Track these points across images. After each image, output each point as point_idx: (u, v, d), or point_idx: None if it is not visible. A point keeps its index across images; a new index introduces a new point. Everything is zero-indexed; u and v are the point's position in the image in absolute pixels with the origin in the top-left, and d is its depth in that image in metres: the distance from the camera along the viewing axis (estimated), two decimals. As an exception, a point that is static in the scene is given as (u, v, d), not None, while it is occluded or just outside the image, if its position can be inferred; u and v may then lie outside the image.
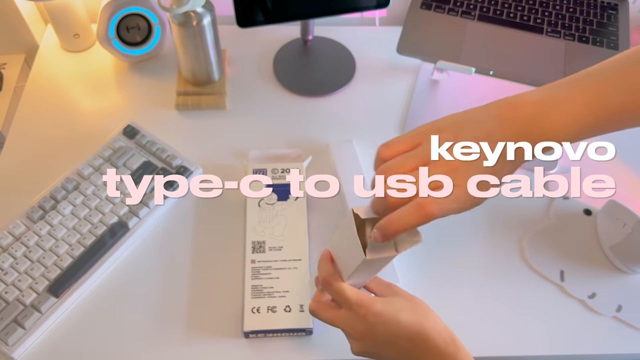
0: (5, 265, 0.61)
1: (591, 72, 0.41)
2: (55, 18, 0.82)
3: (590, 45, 0.79)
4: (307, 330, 0.59)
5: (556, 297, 0.64)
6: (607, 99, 0.40)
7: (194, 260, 0.65)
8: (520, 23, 0.81)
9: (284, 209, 0.66)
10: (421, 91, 0.84)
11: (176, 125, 0.78)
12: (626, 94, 0.39)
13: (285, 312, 0.59)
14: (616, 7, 0.84)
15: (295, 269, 0.62)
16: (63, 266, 0.62)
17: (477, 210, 0.71)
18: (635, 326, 0.62)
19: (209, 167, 0.73)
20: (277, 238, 0.64)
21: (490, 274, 0.66)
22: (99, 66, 0.85)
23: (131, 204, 0.66)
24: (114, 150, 0.71)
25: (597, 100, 0.39)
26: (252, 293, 0.60)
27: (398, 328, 0.45)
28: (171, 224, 0.68)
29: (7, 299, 0.59)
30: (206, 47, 0.75)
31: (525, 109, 0.39)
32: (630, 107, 0.40)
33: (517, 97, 0.41)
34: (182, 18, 0.71)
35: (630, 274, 0.66)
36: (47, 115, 0.78)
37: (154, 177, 0.69)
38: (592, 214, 0.70)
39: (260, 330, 0.58)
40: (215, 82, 0.81)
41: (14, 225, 0.64)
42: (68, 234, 0.64)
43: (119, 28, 0.79)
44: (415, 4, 0.82)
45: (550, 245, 0.68)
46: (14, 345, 0.57)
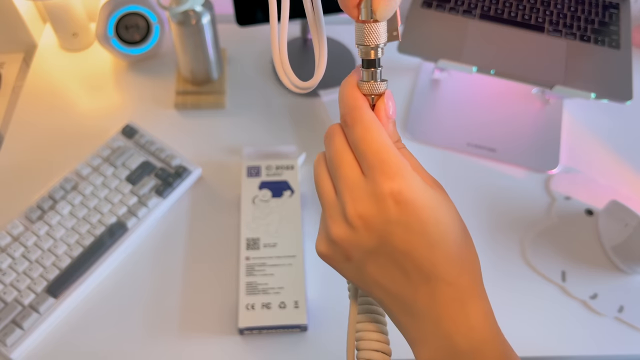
0: (4, 266, 0.61)
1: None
2: (54, 17, 0.81)
3: (591, 44, 0.79)
4: (302, 327, 0.59)
5: (557, 298, 0.64)
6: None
7: (190, 257, 0.65)
8: (522, 22, 0.80)
9: (278, 205, 0.66)
10: (422, 90, 0.83)
11: (175, 125, 0.78)
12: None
13: (280, 309, 0.59)
14: (618, 6, 0.84)
15: (290, 266, 0.62)
16: (62, 266, 0.61)
17: (478, 210, 0.71)
18: (637, 327, 0.62)
19: (208, 166, 0.72)
20: (271, 235, 0.64)
21: (491, 274, 0.65)
22: (97, 65, 0.84)
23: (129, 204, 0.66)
24: (113, 150, 0.71)
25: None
26: (246, 290, 0.60)
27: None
28: (169, 223, 0.68)
29: (5, 300, 0.59)
30: (205, 46, 0.75)
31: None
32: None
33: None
34: (181, 17, 0.71)
35: (632, 275, 0.65)
36: (46, 114, 0.78)
37: (152, 177, 0.69)
38: (594, 214, 0.70)
39: (254, 327, 0.58)
40: (214, 81, 0.80)
41: (12, 226, 0.64)
42: (67, 234, 0.64)
43: (118, 27, 0.78)
44: (416, 2, 0.82)
45: (552, 246, 0.67)
46: (12, 346, 0.57)
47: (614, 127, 0.81)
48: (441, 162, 0.75)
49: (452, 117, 0.80)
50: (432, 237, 0.28)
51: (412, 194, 0.28)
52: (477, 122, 0.80)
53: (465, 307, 0.29)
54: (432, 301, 0.29)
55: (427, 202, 0.28)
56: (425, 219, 0.28)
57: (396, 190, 0.28)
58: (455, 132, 0.78)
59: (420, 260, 0.29)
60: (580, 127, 0.81)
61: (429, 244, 0.28)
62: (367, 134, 0.29)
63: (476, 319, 0.30)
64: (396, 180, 0.28)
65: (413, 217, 0.28)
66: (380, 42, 0.31)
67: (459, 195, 0.72)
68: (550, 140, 0.78)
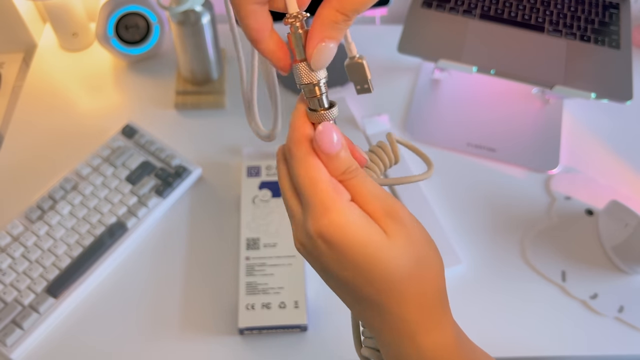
0: (4, 266, 0.61)
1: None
2: (54, 17, 0.81)
3: (591, 44, 0.79)
4: (302, 327, 0.59)
5: (558, 298, 0.64)
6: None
7: (190, 257, 0.65)
8: (522, 22, 0.80)
9: (278, 205, 0.66)
10: (422, 90, 0.83)
11: (175, 125, 0.78)
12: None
13: (280, 309, 0.59)
14: (618, 6, 0.84)
15: (290, 266, 0.62)
16: (62, 266, 0.61)
17: (478, 210, 0.71)
18: (637, 327, 0.62)
19: (208, 166, 0.72)
20: (271, 235, 0.64)
21: (491, 274, 0.65)
22: (97, 65, 0.84)
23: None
24: (113, 150, 0.71)
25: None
26: (246, 290, 0.60)
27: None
28: (169, 223, 0.68)
29: (5, 300, 0.59)
30: (205, 46, 0.74)
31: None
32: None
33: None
34: (181, 17, 0.70)
35: (632, 275, 0.65)
36: (46, 114, 0.78)
37: (152, 177, 0.69)
38: (594, 214, 0.70)
39: (254, 327, 0.58)
40: (214, 81, 0.80)
41: (12, 226, 0.64)
42: (67, 234, 0.64)
43: (118, 27, 0.78)
44: (416, 2, 0.82)
45: (552, 246, 0.67)
46: (12, 346, 0.57)
47: (614, 127, 0.81)
48: (441, 162, 0.75)
49: (452, 117, 0.80)
50: (367, 275, 0.28)
51: (338, 233, 0.28)
52: (477, 122, 0.80)
53: (415, 341, 0.29)
54: (383, 327, 0.30)
55: (357, 240, 0.28)
56: (355, 257, 0.28)
57: (323, 230, 0.28)
58: (455, 131, 0.78)
59: (363, 293, 0.29)
60: (580, 127, 0.81)
61: (366, 280, 0.28)
62: (301, 171, 0.29)
63: (427, 351, 0.30)
64: (323, 220, 0.28)
65: (342, 256, 0.28)
66: (321, 79, 0.29)
67: (459, 195, 0.72)
68: (550, 140, 0.78)
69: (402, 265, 0.28)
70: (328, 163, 0.29)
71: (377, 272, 0.28)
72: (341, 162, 0.29)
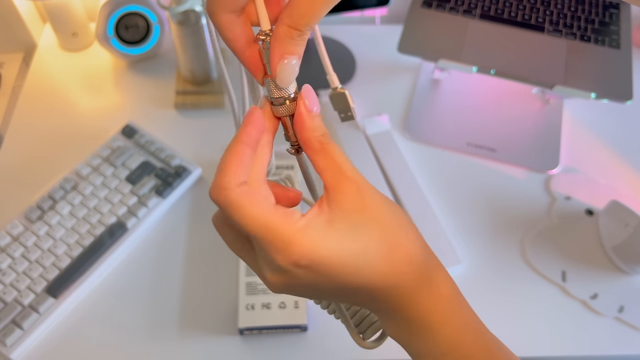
0: (4, 266, 0.61)
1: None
2: (54, 17, 0.81)
3: (592, 44, 0.79)
4: (302, 327, 0.59)
5: (558, 298, 0.64)
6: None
7: (190, 257, 0.65)
8: (522, 22, 0.80)
9: None
10: (422, 90, 0.83)
11: (175, 125, 0.78)
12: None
13: (280, 309, 0.59)
14: (618, 6, 0.84)
15: None
16: (61, 267, 0.61)
17: (478, 210, 0.71)
18: (637, 327, 0.62)
19: (208, 166, 0.72)
20: None
21: (491, 274, 0.65)
22: (97, 65, 0.84)
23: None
24: (113, 150, 0.71)
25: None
26: (246, 290, 0.60)
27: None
28: (169, 223, 0.68)
29: (5, 300, 0.59)
30: (205, 46, 0.74)
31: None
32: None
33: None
34: (181, 17, 0.70)
35: (633, 275, 0.65)
36: (46, 114, 0.78)
37: (152, 177, 0.69)
38: (594, 214, 0.70)
39: (254, 327, 0.58)
40: (214, 81, 0.80)
41: (12, 226, 0.64)
42: (66, 234, 0.64)
43: (118, 27, 0.78)
44: (416, 2, 0.82)
45: (552, 246, 0.67)
46: (12, 346, 0.57)
47: (614, 127, 0.81)
48: (441, 162, 0.75)
49: (452, 117, 0.80)
50: (350, 287, 0.29)
51: (312, 254, 0.27)
52: (477, 122, 0.80)
53: (411, 339, 0.32)
54: (386, 324, 0.32)
55: (330, 254, 0.27)
56: (334, 273, 0.28)
57: (296, 259, 0.27)
58: (455, 132, 0.78)
59: (355, 300, 0.31)
60: (580, 127, 0.81)
61: (352, 292, 0.29)
62: (243, 214, 0.27)
63: (424, 305, 0.31)
64: (291, 249, 0.27)
65: (321, 276, 0.28)
66: (291, 93, 0.29)
67: (459, 195, 0.72)
68: (550, 140, 0.78)
69: (381, 265, 0.29)
70: (312, 122, 0.30)
71: (361, 281, 0.28)
72: (320, 124, 0.30)
